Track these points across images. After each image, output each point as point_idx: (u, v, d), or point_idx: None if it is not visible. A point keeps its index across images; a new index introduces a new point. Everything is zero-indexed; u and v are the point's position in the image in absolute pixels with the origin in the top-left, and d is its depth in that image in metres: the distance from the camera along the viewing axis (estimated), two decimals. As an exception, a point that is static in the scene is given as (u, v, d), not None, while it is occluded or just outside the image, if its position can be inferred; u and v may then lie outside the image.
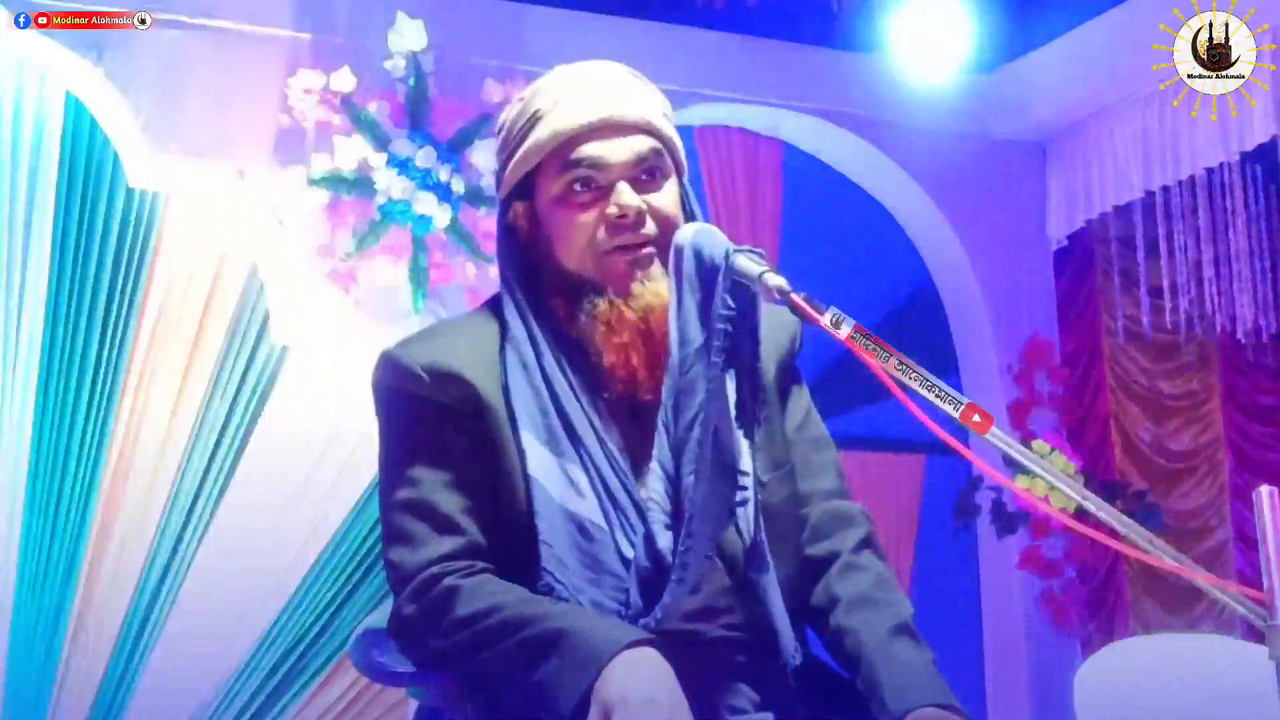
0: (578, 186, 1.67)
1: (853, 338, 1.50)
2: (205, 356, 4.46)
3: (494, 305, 1.77)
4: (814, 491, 1.78)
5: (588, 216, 1.67)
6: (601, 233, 1.67)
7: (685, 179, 1.77)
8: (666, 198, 1.70)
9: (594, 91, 1.70)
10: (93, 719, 4.26)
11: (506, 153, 1.73)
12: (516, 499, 1.63)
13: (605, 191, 1.67)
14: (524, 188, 1.72)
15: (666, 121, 1.74)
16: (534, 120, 1.70)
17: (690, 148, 5.47)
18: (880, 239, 5.97)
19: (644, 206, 1.67)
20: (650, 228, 1.68)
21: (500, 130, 1.76)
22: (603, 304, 1.66)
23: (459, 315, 1.84)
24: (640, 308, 1.66)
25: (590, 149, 1.67)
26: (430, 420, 1.65)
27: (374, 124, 4.57)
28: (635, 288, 1.66)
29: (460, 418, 1.65)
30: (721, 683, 1.63)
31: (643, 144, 1.69)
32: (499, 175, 1.77)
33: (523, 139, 1.70)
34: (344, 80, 4.55)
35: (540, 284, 1.72)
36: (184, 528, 4.38)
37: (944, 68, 5.25)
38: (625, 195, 1.66)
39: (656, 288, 1.66)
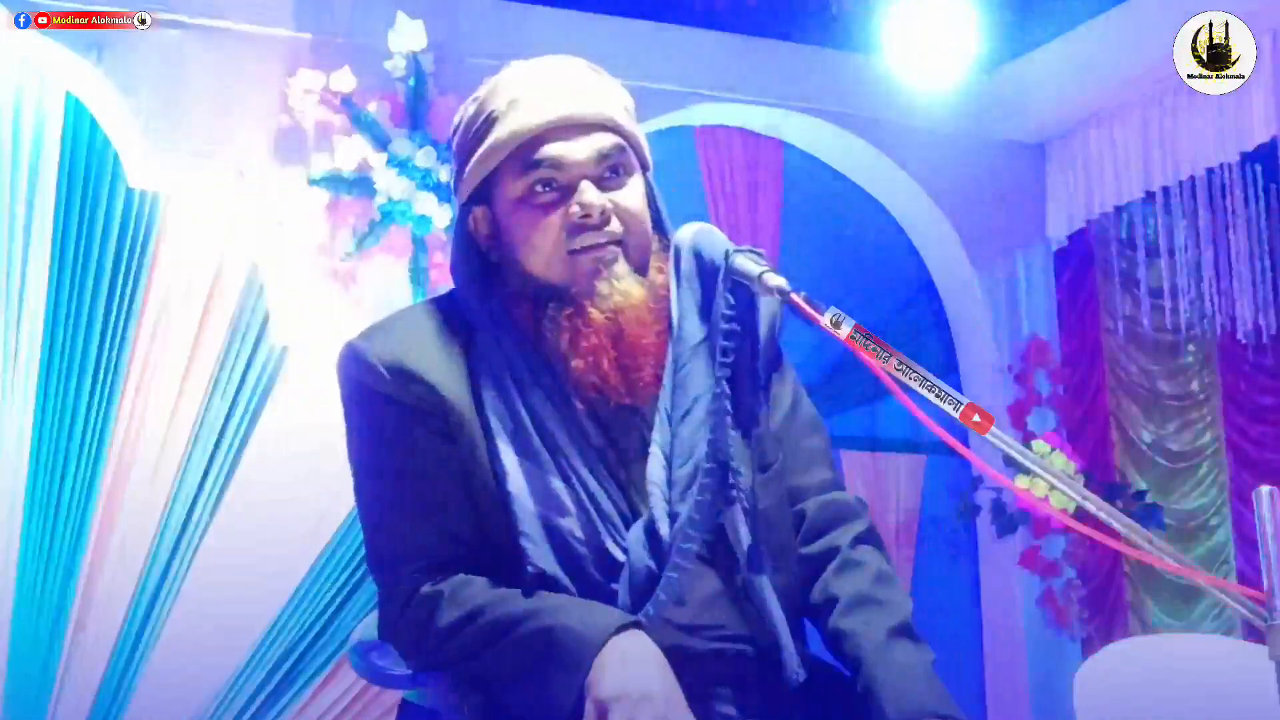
0: (539, 187, 1.62)
1: (853, 338, 1.50)
2: (205, 356, 4.45)
3: (456, 301, 1.71)
4: (809, 485, 1.76)
5: (551, 218, 1.62)
6: (565, 234, 1.61)
7: (650, 175, 1.72)
8: (631, 195, 1.65)
9: (552, 89, 1.64)
10: (93, 719, 4.26)
11: (463, 156, 1.67)
12: (495, 506, 1.61)
13: (568, 191, 1.62)
14: (482, 191, 1.67)
15: (629, 117, 1.69)
16: (490, 121, 1.64)
17: (690, 148, 5.53)
18: (880, 239, 5.97)
19: (608, 205, 1.62)
20: (615, 226, 1.63)
21: (454, 131, 1.70)
22: (568, 311, 1.61)
23: (425, 304, 1.74)
24: (608, 308, 1.61)
25: (551, 149, 1.61)
26: (394, 420, 1.62)
27: (374, 124, 4.57)
28: (602, 288, 1.61)
29: (423, 417, 1.61)
30: (711, 693, 1.61)
31: (605, 141, 1.64)
32: (456, 179, 1.70)
33: (479, 141, 1.65)
34: (344, 80, 4.55)
35: (503, 290, 1.67)
36: (184, 528, 4.38)
37: (944, 68, 5.25)
38: (588, 194, 1.61)
39: (624, 287, 1.62)
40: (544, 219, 1.62)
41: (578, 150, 1.62)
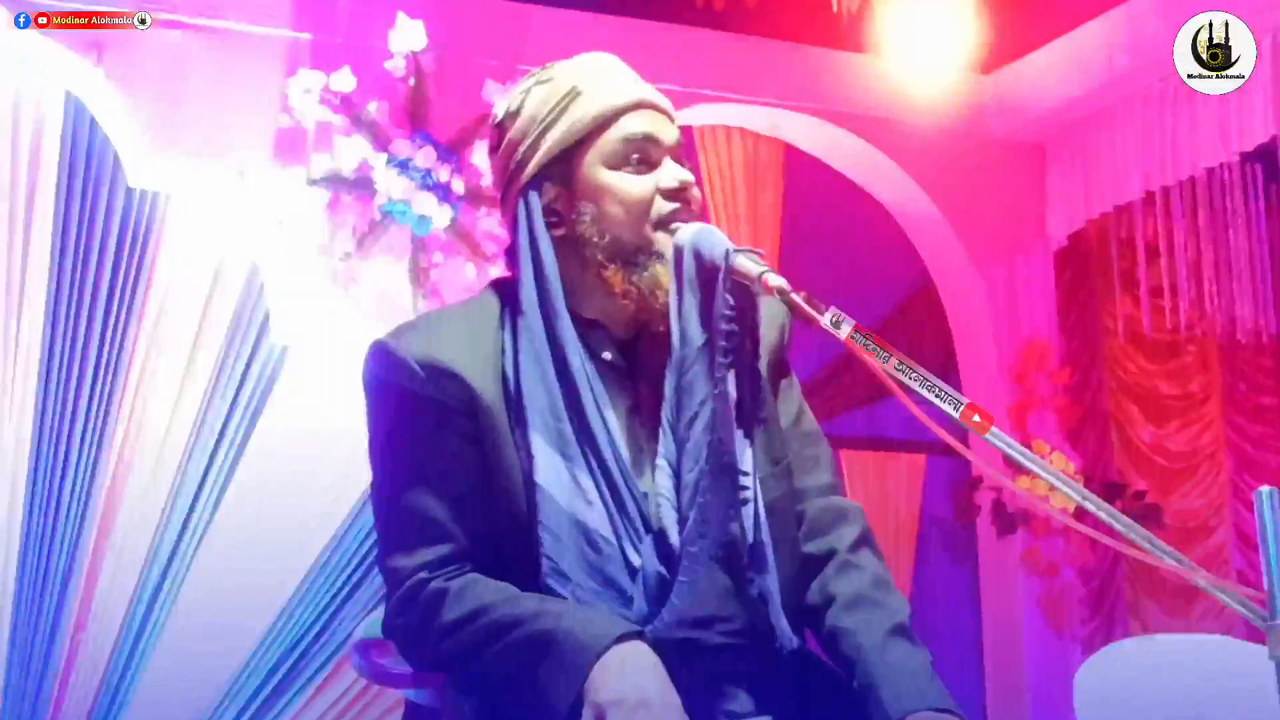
0: (634, 157, 1.67)
1: (853, 338, 1.50)
2: (205, 356, 4.45)
3: (492, 295, 1.72)
4: (810, 487, 1.77)
5: (645, 181, 1.67)
6: (661, 203, 1.67)
7: None
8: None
9: (626, 75, 1.72)
10: (93, 719, 4.26)
11: (538, 131, 1.67)
12: (516, 502, 1.61)
13: (653, 167, 1.68)
14: (555, 167, 1.68)
15: None
16: (572, 96, 1.67)
17: (690, 148, 5.53)
18: (880, 239, 5.97)
19: (692, 182, 1.70)
20: (694, 198, 1.70)
21: (514, 115, 1.70)
22: (642, 273, 1.65)
23: (453, 306, 1.78)
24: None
25: (647, 123, 1.68)
26: (421, 417, 1.62)
27: (374, 124, 4.57)
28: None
29: (453, 415, 1.62)
30: (720, 687, 1.62)
31: (677, 132, 1.72)
32: (520, 159, 1.69)
33: (559, 116, 1.67)
34: (344, 80, 4.55)
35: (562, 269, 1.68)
36: (184, 528, 4.38)
37: (944, 68, 5.25)
38: (680, 170, 1.68)
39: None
40: (638, 182, 1.67)
41: (665, 130, 1.70)
